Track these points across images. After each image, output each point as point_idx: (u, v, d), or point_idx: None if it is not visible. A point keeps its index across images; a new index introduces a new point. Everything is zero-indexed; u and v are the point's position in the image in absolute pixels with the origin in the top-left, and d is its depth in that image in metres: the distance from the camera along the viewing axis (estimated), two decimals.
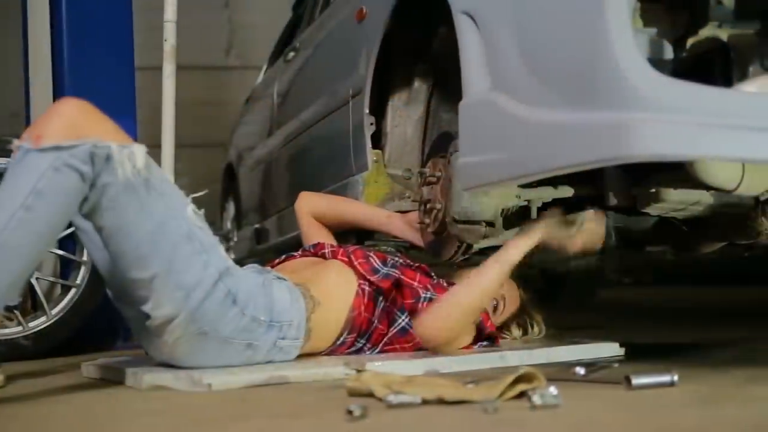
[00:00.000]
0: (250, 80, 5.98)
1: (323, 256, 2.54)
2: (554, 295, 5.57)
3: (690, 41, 2.07)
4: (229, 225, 5.55)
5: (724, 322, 4.07)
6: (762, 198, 2.22)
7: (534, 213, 2.57)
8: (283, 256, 2.61)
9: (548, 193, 2.52)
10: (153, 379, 2.14)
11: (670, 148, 1.81)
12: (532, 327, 2.74)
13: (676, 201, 2.37)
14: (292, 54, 4.25)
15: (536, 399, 1.66)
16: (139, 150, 2.03)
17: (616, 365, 2.27)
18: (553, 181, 2.50)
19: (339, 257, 2.48)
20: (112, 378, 2.32)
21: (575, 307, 5.28)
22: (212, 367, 2.20)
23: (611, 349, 2.53)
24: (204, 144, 7.50)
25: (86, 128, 1.99)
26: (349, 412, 1.60)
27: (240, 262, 4.72)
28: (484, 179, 2.24)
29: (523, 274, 5.29)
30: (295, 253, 2.62)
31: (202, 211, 2.16)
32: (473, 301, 2.35)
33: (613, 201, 2.49)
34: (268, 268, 2.45)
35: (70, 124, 1.99)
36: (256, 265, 2.44)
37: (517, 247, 2.36)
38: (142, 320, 2.15)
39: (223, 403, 1.89)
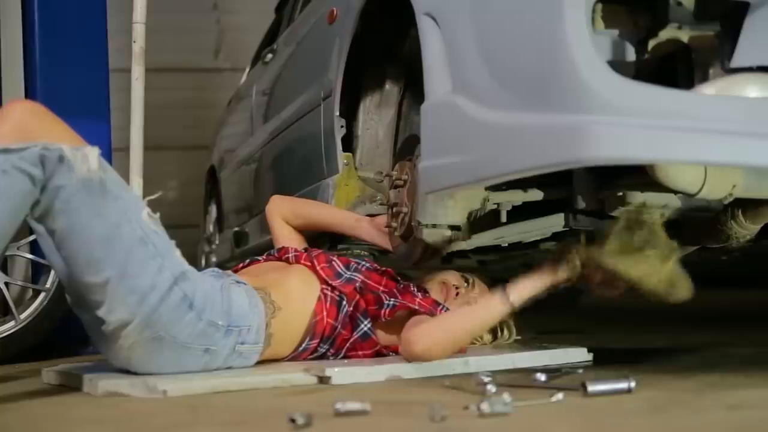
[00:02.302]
0: (239, 82, 5.96)
1: (287, 261, 2.51)
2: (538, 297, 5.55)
3: (652, 43, 2.04)
4: (211, 228, 5.53)
5: (707, 325, 4.04)
6: (725, 201, 2.19)
7: (504, 216, 2.55)
8: (247, 261, 2.59)
9: (517, 197, 2.49)
10: (108, 385, 2.11)
11: (626, 151, 1.78)
12: (502, 331, 2.70)
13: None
14: (270, 56, 4.23)
15: (485, 407, 1.62)
16: (92, 152, 2.00)
17: (581, 371, 2.25)
18: (523, 184, 2.47)
19: (302, 262, 2.46)
20: (71, 384, 2.29)
21: (559, 311, 5.25)
22: (170, 373, 2.17)
23: (579, 355, 2.50)
24: (193, 146, 7.49)
25: (36, 131, 1.97)
26: (292, 421, 1.57)
27: (222, 265, 4.72)
28: (445, 182, 2.21)
29: (508, 276, 5.26)
30: (260, 258, 2.59)
31: (158, 214, 2.13)
32: (464, 335, 2.34)
33: (581, 204, 2.46)
34: (229, 272, 2.42)
35: (20, 126, 1.96)
36: (216, 269, 2.41)
37: (521, 293, 2.28)
38: (98, 325, 2.12)
39: (172, 410, 1.86)
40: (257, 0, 7.00)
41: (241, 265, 2.56)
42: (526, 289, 2.28)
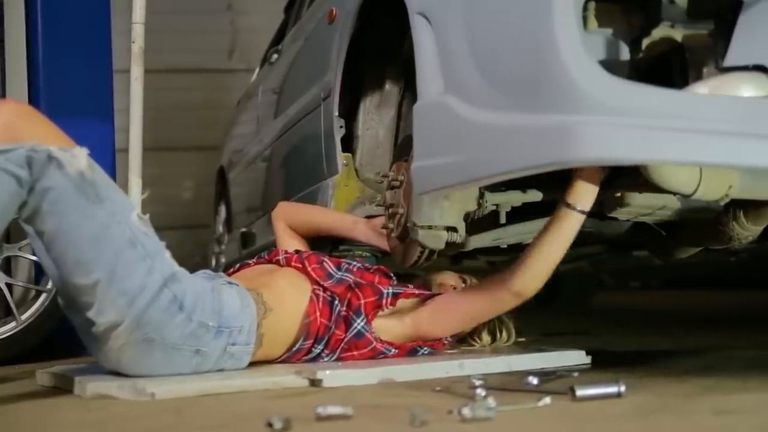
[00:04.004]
0: None
1: (278, 263, 2.49)
2: (550, 298, 5.52)
3: (645, 42, 2.01)
4: (220, 228, 5.53)
5: (713, 327, 3.99)
6: (722, 202, 2.15)
7: (503, 217, 2.52)
8: (238, 265, 2.58)
9: (516, 197, 2.47)
10: (97, 387, 2.10)
11: (614, 151, 1.75)
12: (501, 333, 2.68)
13: (642, 205, 2.32)
14: (275, 56, 4.22)
15: (466, 412, 1.60)
16: (81, 153, 1.99)
17: (576, 374, 2.22)
18: (522, 185, 2.44)
19: (293, 263, 2.44)
20: (63, 386, 2.28)
21: (571, 311, 5.22)
22: (161, 375, 2.16)
23: (577, 358, 2.47)
24: (208, 147, 7.49)
25: (24, 131, 1.96)
26: (269, 425, 1.55)
27: (230, 265, 4.71)
28: (438, 183, 2.18)
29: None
30: (251, 261, 2.57)
31: (147, 215, 2.12)
32: (552, 262, 2.26)
33: None
34: (221, 274, 2.41)
35: (6, 127, 1.96)
36: (208, 271, 2.39)
37: (583, 196, 2.19)
38: (89, 327, 2.11)
39: (157, 414, 1.84)
40: (271, 0, 6.99)
41: (232, 269, 2.55)
42: (585, 191, 2.20)
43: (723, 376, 2.11)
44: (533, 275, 2.28)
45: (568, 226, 2.21)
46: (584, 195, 2.19)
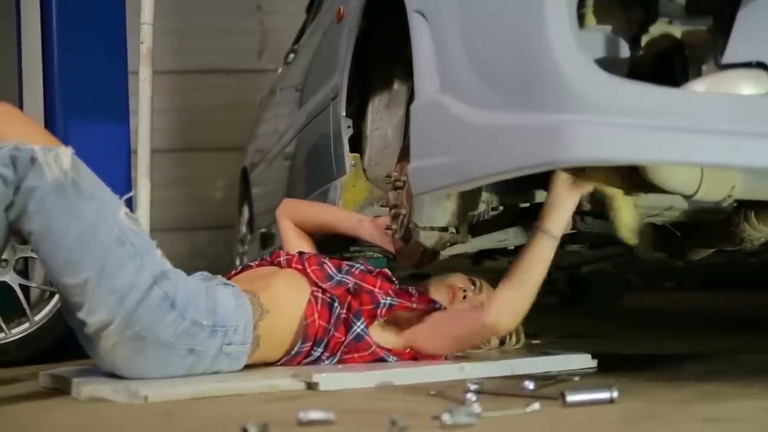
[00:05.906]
0: None
1: (279, 265, 2.47)
2: (578, 299, 5.45)
3: (645, 39, 1.96)
4: (244, 229, 5.53)
5: (732, 328, 3.91)
6: (725, 203, 2.09)
7: (508, 219, 2.49)
8: (240, 267, 2.56)
9: (523, 198, 2.43)
10: (92, 390, 2.09)
11: (606, 151, 1.71)
12: (510, 336, 2.64)
13: (648, 206, 2.27)
14: (291, 56, 4.21)
15: (446, 418, 1.57)
16: (65, 152, 1.99)
17: (577, 378, 2.17)
18: (528, 185, 2.40)
19: (293, 265, 2.42)
20: (62, 388, 2.28)
21: (597, 313, 5.15)
22: (156, 376, 2.15)
23: (582, 361, 2.42)
24: (238, 147, 7.51)
25: (8, 132, 1.97)
26: (244, 431, 1.53)
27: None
28: (435, 184, 2.15)
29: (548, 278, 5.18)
30: (252, 263, 2.56)
31: (137, 214, 2.12)
32: (532, 292, 2.21)
33: (586, 206, 2.39)
34: (219, 276, 2.39)
35: None
36: (205, 273, 2.38)
37: (556, 221, 2.16)
38: (82, 328, 2.11)
39: (146, 417, 1.83)
40: (300, 1, 6.98)
41: (234, 272, 2.54)
42: (557, 215, 2.16)
43: (725, 382, 2.06)
44: (507, 307, 2.23)
45: (542, 251, 2.18)
46: (556, 219, 2.16)
